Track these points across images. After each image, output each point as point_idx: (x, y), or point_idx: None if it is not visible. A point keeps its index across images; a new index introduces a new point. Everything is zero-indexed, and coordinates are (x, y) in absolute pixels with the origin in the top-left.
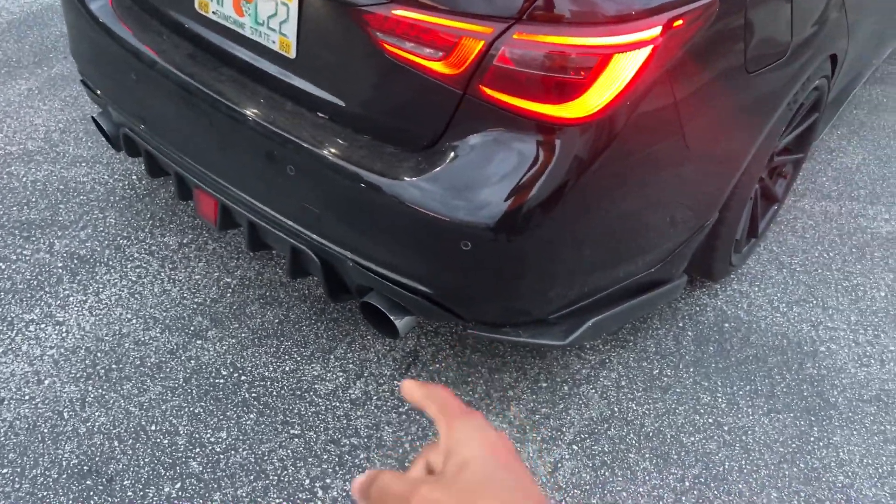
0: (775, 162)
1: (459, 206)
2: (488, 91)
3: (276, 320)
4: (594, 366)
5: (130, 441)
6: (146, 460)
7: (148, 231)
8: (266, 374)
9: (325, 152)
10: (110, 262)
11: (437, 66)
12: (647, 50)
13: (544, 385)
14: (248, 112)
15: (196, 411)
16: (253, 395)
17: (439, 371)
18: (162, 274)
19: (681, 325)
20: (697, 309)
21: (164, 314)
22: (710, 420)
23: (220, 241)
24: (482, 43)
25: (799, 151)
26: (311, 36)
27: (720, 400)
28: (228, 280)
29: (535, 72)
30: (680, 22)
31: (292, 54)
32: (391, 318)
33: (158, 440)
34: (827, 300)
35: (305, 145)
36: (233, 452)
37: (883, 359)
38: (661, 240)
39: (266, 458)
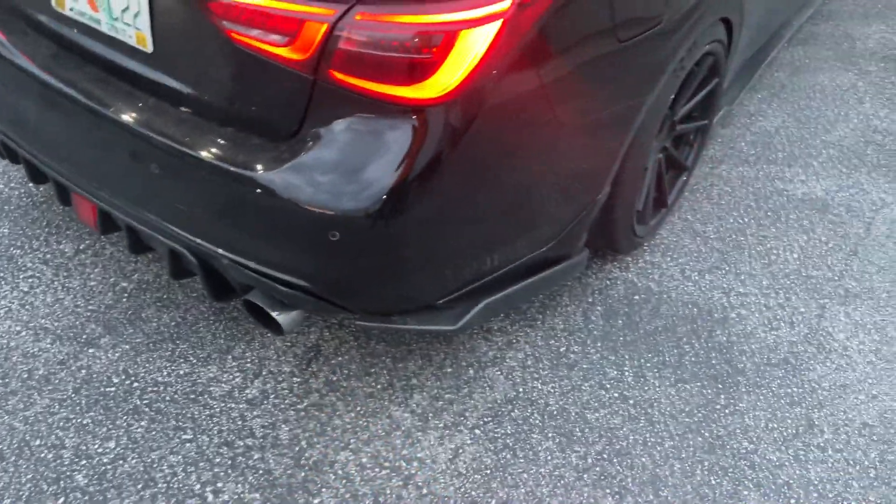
0: (679, 130)
1: (322, 195)
2: (339, 75)
3: (173, 323)
4: (501, 347)
5: (13, 458)
6: (28, 477)
7: (43, 239)
8: (160, 379)
9: (187, 148)
10: (1, 274)
11: (285, 53)
12: (496, 24)
13: (449, 370)
14: (110, 111)
15: (84, 422)
16: (145, 401)
17: (342, 364)
18: (55, 282)
19: (590, 300)
20: (608, 283)
21: (56, 324)
22: (616, 394)
23: (118, 245)
24: (325, 26)
25: (703, 118)
26: (165, 28)
27: (627, 373)
28: (125, 284)
29: (382, 53)
30: None
31: (149, 48)
32: (273, 314)
33: (42, 455)
34: (740, 266)
35: (167, 142)
36: (121, 462)
37: (793, 321)
38: (548, 217)
39: (156, 465)
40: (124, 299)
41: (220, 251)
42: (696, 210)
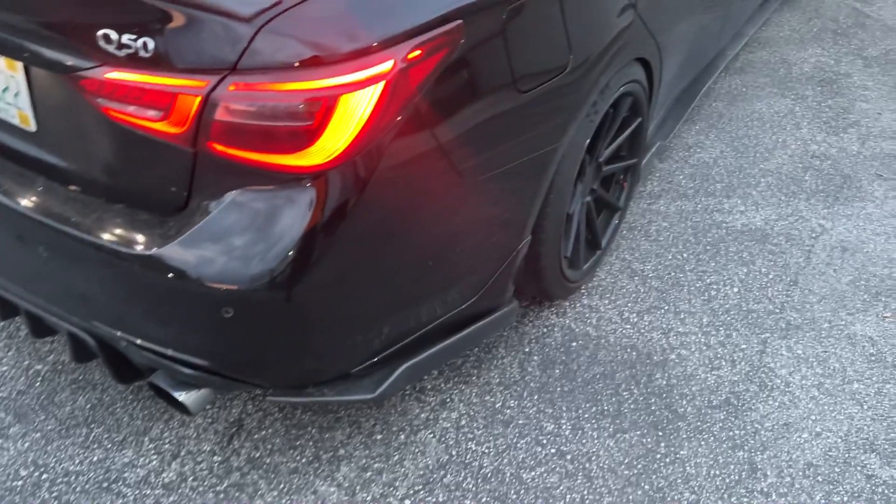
0: (606, 172)
1: (211, 270)
2: (219, 147)
3: (88, 405)
4: (434, 407)
5: None
6: None
7: None
8: (71, 468)
9: (74, 228)
10: None
11: (161, 127)
12: (378, 86)
13: (379, 437)
14: None
15: None
16: (54, 494)
17: (265, 438)
18: None
19: (527, 349)
20: (545, 330)
21: None
22: (553, 450)
23: None
24: (199, 98)
25: (631, 157)
26: (46, 107)
27: (564, 427)
28: (39, 367)
29: (259, 123)
30: (417, 53)
31: (32, 127)
32: (176, 396)
33: None
34: (679, 304)
35: (54, 222)
36: None
37: (734, 359)
38: (466, 272)
39: None
40: (38, 383)
41: (119, 333)
42: (634, 248)
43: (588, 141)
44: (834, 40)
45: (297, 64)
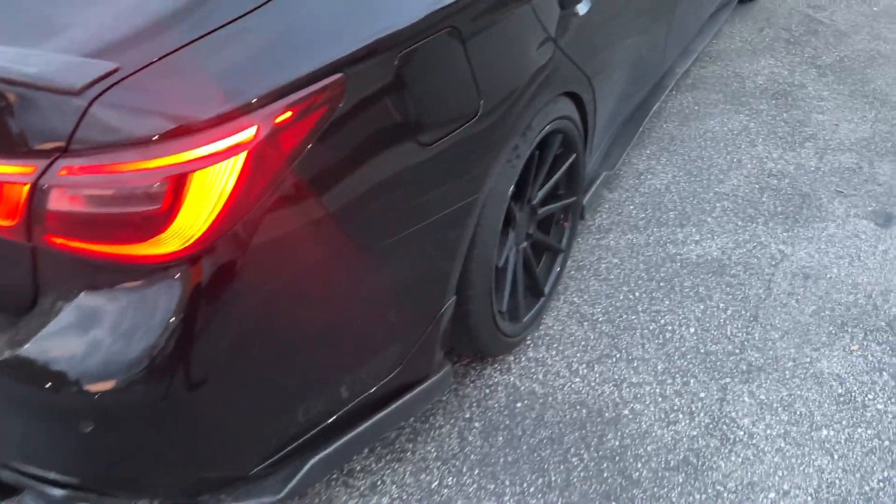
0: (541, 214)
1: (63, 383)
2: (58, 240)
3: None
4: (363, 492)
5: None
6: None
7: None
8: None
9: None
10: None
11: None
12: (239, 158)
13: None
14: None
15: None
16: None
17: None
18: None
19: (467, 416)
20: (487, 391)
21: None
22: None
23: None
24: (27, 186)
25: (570, 195)
26: None
27: None
28: None
29: (99, 210)
30: (288, 115)
31: None
32: None
33: None
34: (632, 350)
35: None
36: None
37: (692, 410)
38: (383, 343)
39: None
40: None
41: None
42: (583, 290)
43: (512, 188)
44: (787, 50)
45: (138, 139)
